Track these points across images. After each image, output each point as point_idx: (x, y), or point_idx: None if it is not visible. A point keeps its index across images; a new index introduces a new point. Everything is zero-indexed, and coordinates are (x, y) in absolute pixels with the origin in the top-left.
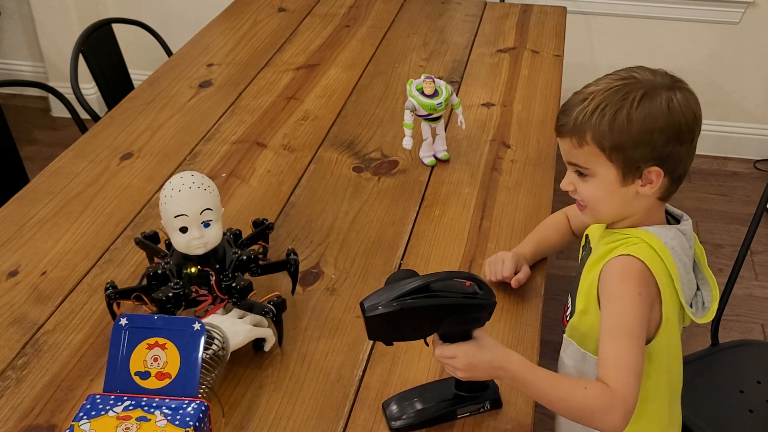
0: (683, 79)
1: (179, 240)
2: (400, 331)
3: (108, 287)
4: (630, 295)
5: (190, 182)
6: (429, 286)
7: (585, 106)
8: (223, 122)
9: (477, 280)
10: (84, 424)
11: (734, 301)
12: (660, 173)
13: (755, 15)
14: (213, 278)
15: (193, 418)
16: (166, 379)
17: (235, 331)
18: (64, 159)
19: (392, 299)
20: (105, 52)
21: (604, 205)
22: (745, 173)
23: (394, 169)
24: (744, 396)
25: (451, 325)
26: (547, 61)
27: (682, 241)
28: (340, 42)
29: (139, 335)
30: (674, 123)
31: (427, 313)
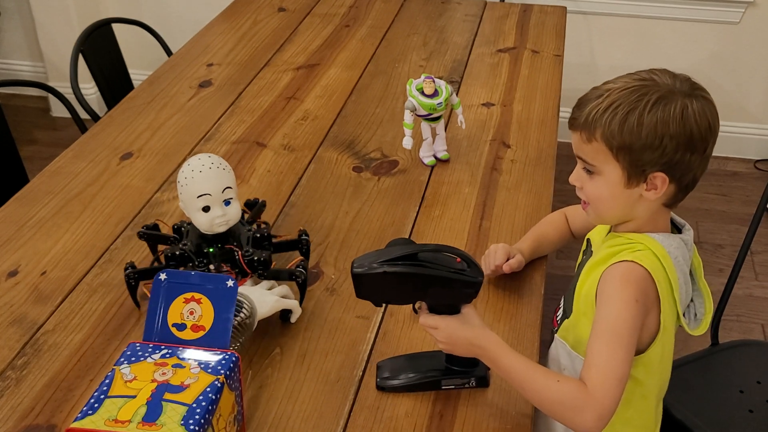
0: (703, 88)
1: (202, 219)
2: (384, 294)
3: (127, 267)
4: (627, 300)
5: (209, 163)
6: (417, 255)
7: (599, 103)
8: (222, 122)
9: (467, 258)
10: (124, 368)
11: (734, 301)
12: (665, 180)
13: (755, 15)
14: (239, 254)
15: (225, 367)
16: (200, 332)
17: (263, 301)
18: (63, 159)
19: (379, 262)
20: (105, 52)
21: (606, 205)
22: (746, 173)
23: (394, 169)
24: (744, 396)
25: (436, 297)
26: (547, 61)
27: (683, 251)
28: (340, 42)
29: (176, 290)
30: (686, 131)
31: (410, 280)
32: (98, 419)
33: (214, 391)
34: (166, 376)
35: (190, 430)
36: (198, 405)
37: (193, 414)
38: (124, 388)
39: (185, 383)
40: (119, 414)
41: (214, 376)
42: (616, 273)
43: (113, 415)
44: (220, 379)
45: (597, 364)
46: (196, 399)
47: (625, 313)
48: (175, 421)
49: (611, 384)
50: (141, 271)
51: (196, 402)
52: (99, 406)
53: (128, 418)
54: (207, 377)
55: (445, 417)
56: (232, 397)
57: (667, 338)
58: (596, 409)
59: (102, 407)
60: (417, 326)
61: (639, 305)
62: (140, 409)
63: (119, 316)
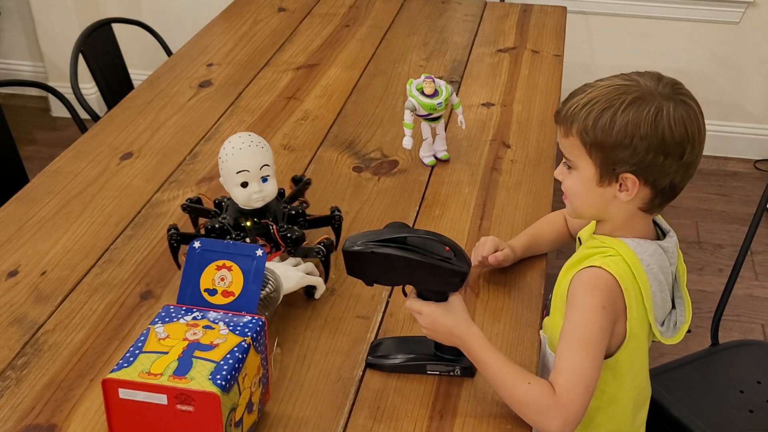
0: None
1: (240, 194)
2: (372, 273)
3: (170, 228)
4: (593, 307)
5: (248, 141)
6: (406, 239)
7: (579, 99)
8: (223, 122)
9: (456, 248)
10: (158, 327)
11: (734, 302)
12: (635, 182)
13: (755, 15)
14: (274, 228)
15: (252, 330)
16: (230, 297)
17: (288, 276)
18: (63, 159)
19: (369, 241)
20: (105, 51)
21: (580, 201)
22: (745, 173)
23: (394, 169)
24: (744, 396)
25: (422, 282)
26: (547, 61)
27: (660, 259)
28: (340, 42)
29: (209, 257)
30: (658, 133)
31: (396, 262)
32: (132, 371)
33: (240, 351)
34: (197, 335)
35: (217, 384)
36: (225, 362)
37: (221, 370)
38: (158, 345)
39: (214, 343)
40: (152, 367)
41: (241, 338)
42: (584, 278)
43: (146, 368)
44: (247, 341)
45: (564, 370)
46: (223, 357)
47: (592, 320)
48: (204, 376)
49: (578, 390)
50: (182, 234)
51: (224, 360)
52: (134, 359)
53: (160, 371)
54: (235, 338)
55: (445, 417)
56: (258, 359)
57: (636, 346)
58: (562, 415)
59: (137, 361)
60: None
61: (606, 312)
62: (171, 363)
63: (119, 316)
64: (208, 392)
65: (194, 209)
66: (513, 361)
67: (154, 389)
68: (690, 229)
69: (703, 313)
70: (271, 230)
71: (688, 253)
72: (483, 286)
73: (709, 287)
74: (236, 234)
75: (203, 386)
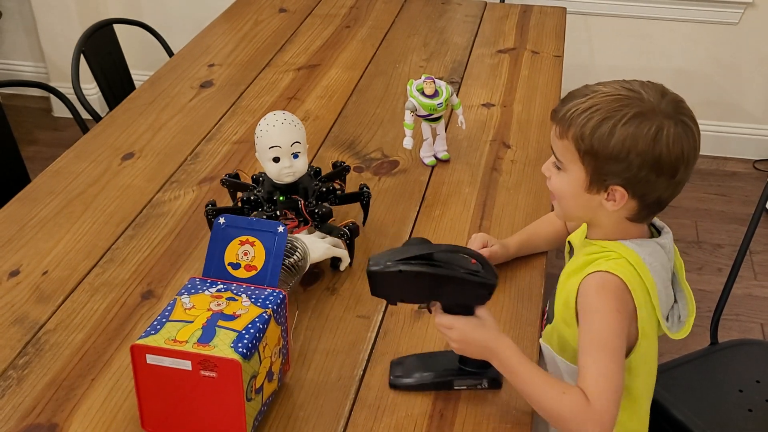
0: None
1: (272, 169)
2: (399, 292)
3: (208, 205)
4: (608, 311)
5: (282, 119)
6: (432, 255)
7: (580, 102)
8: (224, 122)
9: (482, 260)
10: (184, 298)
11: (733, 301)
12: (624, 195)
13: (754, 16)
14: (302, 203)
15: (273, 302)
16: (252, 271)
17: (315, 246)
18: (65, 159)
19: (395, 260)
20: (106, 52)
21: (568, 203)
22: (745, 173)
23: (395, 169)
24: (743, 395)
25: (450, 297)
26: (547, 62)
27: (660, 256)
28: (341, 42)
29: (233, 233)
30: (655, 152)
31: (425, 279)
32: (159, 338)
33: (262, 322)
34: (221, 306)
35: (238, 351)
36: (247, 332)
37: (242, 339)
38: (184, 314)
39: (237, 313)
40: (178, 335)
41: (262, 309)
42: (592, 284)
43: (172, 335)
44: (268, 312)
45: (591, 378)
46: (245, 327)
47: (609, 324)
48: (226, 344)
49: (609, 395)
50: (219, 209)
51: (246, 329)
52: (161, 327)
53: (185, 339)
54: (256, 309)
55: (445, 416)
56: (278, 331)
57: (647, 344)
58: (598, 422)
59: (163, 329)
60: (418, 326)
61: (621, 314)
62: (196, 332)
63: (120, 316)
64: (230, 359)
65: (233, 183)
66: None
67: (180, 355)
68: (689, 228)
69: (703, 312)
70: (299, 205)
71: (688, 252)
72: None
73: (708, 287)
74: (267, 206)
75: (226, 353)
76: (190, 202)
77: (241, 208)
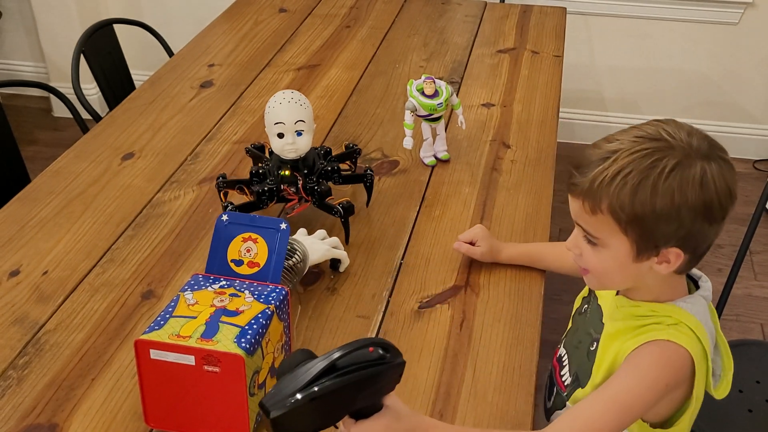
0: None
1: (276, 144)
2: (312, 424)
3: (219, 177)
4: (656, 382)
5: (289, 97)
6: (335, 365)
7: (605, 167)
8: (224, 122)
9: (381, 343)
10: (188, 294)
11: (733, 301)
12: (680, 255)
13: (754, 16)
14: (300, 182)
15: (275, 298)
16: (255, 268)
17: (315, 248)
18: (65, 159)
19: (299, 389)
20: (106, 52)
21: (611, 278)
22: (744, 173)
23: (395, 169)
24: (743, 396)
25: (367, 398)
26: (547, 62)
27: (706, 312)
28: (341, 42)
29: (236, 230)
30: (707, 200)
31: (340, 394)
32: (163, 333)
33: (264, 317)
34: (224, 302)
35: (241, 347)
36: (250, 327)
37: (245, 334)
38: (187, 310)
39: (240, 309)
40: (181, 330)
41: (265, 305)
42: (656, 350)
43: (176, 331)
44: (271, 308)
45: (584, 424)
46: (248, 322)
47: (646, 393)
48: (229, 339)
49: None
50: (228, 182)
51: (248, 325)
52: (164, 323)
53: (189, 334)
54: (259, 306)
55: (445, 417)
56: (281, 327)
57: (697, 406)
58: None
59: (167, 324)
60: (418, 326)
61: (667, 390)
62: (199, 327)
63: (121, 316)
64: (234, 354)
65: (254, 154)
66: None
67: (183, 350)
68: None
69: None
70: (298, 183)
71: None
72: (483, 285)
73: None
74: (270, 180)
75: (229, 348)
76: (190, 202)
77: (249, 179)
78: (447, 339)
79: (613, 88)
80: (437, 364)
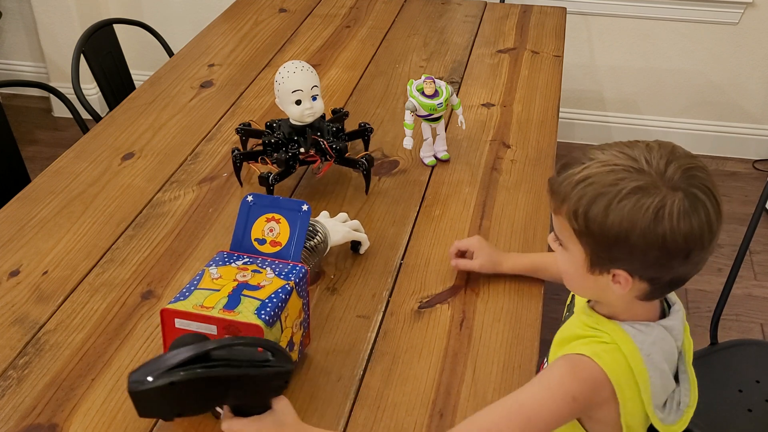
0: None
1: (294, 111)
2: (175, 407)
3: (234, 150)
4: (564, 394)
5: (300, 66)
6: (209, 354)
7: (576, 172)
8: (224, 122)
9: (271, 347)
10: (212, 269)
11: (733, 301)
12: (628, 279)
13: (754, 16)
14: (324, 142)
15: (295, 275)
16: (277, 246)
17: (336, 230)
18: (65, 159)
19: (162, 372)
20: (106, 52)
21: (574, 283)
22: (744, 173)
23: (395, 169)
24: (743, 395)
25: (240, 397)
26: (547, 62)
27: (664, 343)
28: (341, 42)
29: (260, 211)
30: (658, 232)
31: (204, 385)
32: (188, 304)
33: (284, 293)
34: (246, 277)
35: (261, 318)
36: (270, 301)
37: (265, 307)
38: (211, 284)
39: (261, 284)
40: (205, 302)
41: (285, 281)
42: (569, 362)
43: (200, 302)
44: (290, 284)
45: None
46: (268, 296)
47: (552, 404)
48: (250, 311)
49: None
50: (244, 154)
51: (269, 299)
52: (189, 294)
53: (212, 305)
54: (279, 281)
55: (445, 416)
56: (300, 303)
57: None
58: None
59: (192, 296)
60: (418, 326)
61: (575, 404)
62: (222, 299)
63: (121, 316)
64: (254, 324)
65: (247, 131)
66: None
67: (206, 320)
68: None
69: (703, 312)
70: (322, 143)
71: None
72: (483, 285)
73: (708, 287)
74: (292, 146)
75: (249, 319)
76: (190, 202)
77: (263, 150)
78: (447, 339)
79: (613, 88)
80: (437, 363)
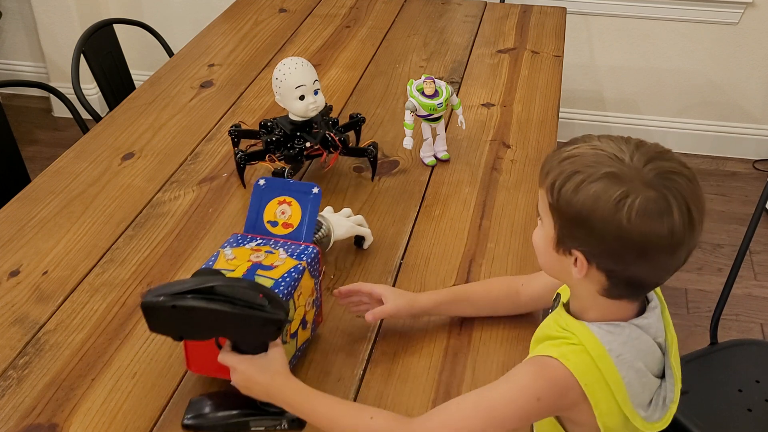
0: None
1: (298, 106)
2: (178, 328)
3: (237, 152)
4: (528, 394)
5: (300, 62)
6: (213, 288)
7: (565, 149)
8: (224, 122)
9: (269, 295)
10: (227, 250)
11: (733, 301)
12: (584, 263)
13: (754, 16)
14: (332, 135)
15: (307, 256)
16: (289, 228)
17: (340, 224)
18: (65, 159)
19: (170, 294)
20: (106, 52)
21: (541, 259)
22: (744, 173)
23: (395, 169)
24: (743, 395)
25: (236, 334)
26: (547, 62)
27: (638, 342)
28: (341, 42)
29: (272, 194)
30: (615, 220)
31: (202, 315)
32: None
33: (297, 272)
34: (260, 258)
35: None
36: (283, 280)
37: (278, 285)
38: (226, 264)
39: (274, 264)
40: None
41: (297, 261)
42: (535, 362)
43: None
44: (302, 264)
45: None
46: (281, 276)
47: (516, 403)
48: None
49: None
50: (248, 154)
51: (282, 278)
52: None
53: None
54: (292, 261)
55: None
56: (312, 283)
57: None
58: None
59: None
60: (417, 325)
61: (539, 404)
62: None
63: (121, 316)
64: None
65: (241, 132)
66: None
67: None
68: None
69: (702, 312)
70: (329, 137)
71: None
72: None
73: (708, 287)
74: (297, 141)
75: None
76: (190, 202)
77: (265, 149)
78: (447, 338)
79: (612, 88)
80: (437, 363)
